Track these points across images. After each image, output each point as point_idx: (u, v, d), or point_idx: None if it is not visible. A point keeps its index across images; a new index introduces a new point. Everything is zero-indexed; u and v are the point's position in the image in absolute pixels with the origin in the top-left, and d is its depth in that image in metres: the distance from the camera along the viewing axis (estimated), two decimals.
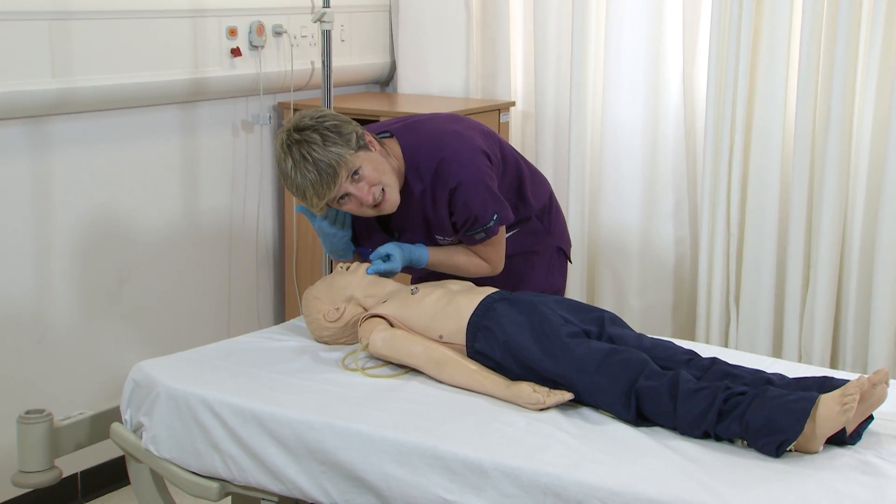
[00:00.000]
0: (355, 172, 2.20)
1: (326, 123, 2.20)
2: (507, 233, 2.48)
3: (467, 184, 2.30)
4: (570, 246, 2.67)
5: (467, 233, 2.36)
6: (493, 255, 2.41)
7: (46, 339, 2.90)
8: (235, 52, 3.23)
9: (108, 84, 2.91)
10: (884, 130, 2.98)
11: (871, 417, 1.88)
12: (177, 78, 3.09)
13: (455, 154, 2.31)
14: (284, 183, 2.24)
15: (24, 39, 2.71)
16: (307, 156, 2.17)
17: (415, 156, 2.32)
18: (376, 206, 2.26)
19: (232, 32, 3.23)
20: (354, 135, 2.22)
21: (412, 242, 2.39)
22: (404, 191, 2.32)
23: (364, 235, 2.45)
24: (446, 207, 2.33)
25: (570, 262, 2.69)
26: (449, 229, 2.38)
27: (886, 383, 1.84)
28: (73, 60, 2.82)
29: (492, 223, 2.34)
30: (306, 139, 2.18)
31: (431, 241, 2.41)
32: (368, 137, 2.26)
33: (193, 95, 3.17)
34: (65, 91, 2.80)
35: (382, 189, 2.25)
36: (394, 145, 2.34)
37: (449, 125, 2.39)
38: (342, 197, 2.23)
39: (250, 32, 3.28)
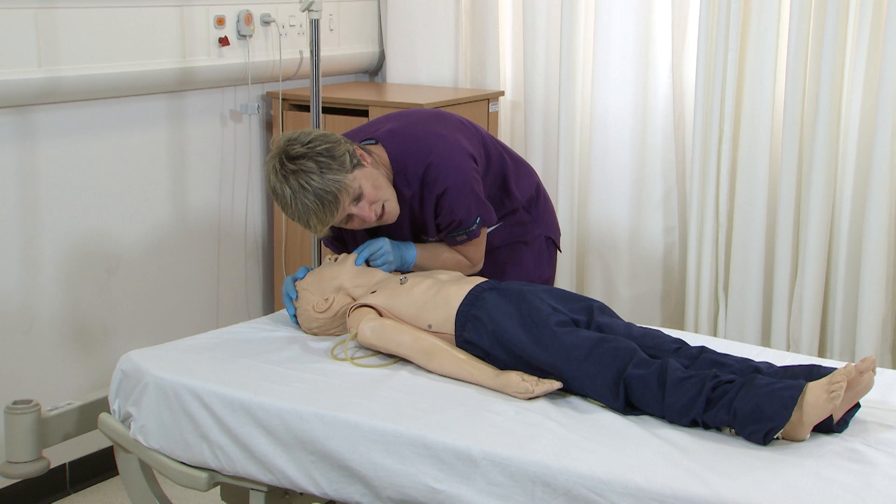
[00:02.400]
0: (357, 195, 2.20)
1: (318, 148, 2.17)
2: (494, 224, 2.49)
3: (454, 189, 2.30)
4: (559, 235, 2.67)
5: (450, 234, 2.37)
6: (474, 253, 2.42)
7: (34, 329, 2.89)
8: (223, 42, 3.22)
9: (95, 73, 2.89)
10: (872, 119, 2.99)
11: (857, 405, 1.88)
12: (164, 67, 3.08)
13: (442, 160, 2.31)
14: (283, 210, 2.22)
15: (9, 28, 2.69)
16: (306, 185, 2.15)
17: (402, 162, 2.32)
18: (378, 218, 2.27)
19: (220, 21, 3.21)
20: (347, 155, 2.20)
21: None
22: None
23: (351, 241, 2.45)
24: (433, 211, 2.34)
25: (560, 250, 2.69)
26: (433, 231, 2.38)
27: (873, 371, 1.85)
28: (59, 49, 2.80)
29: (474, 227, 2.35)
30: (302, 168, 2.15)
31: (417, 242, 2.42)
32: (359, 151, 2.25)
33: (181, 85, 3.16)
34: (51, 80, 2.79)
35: (382, 204, 2.26)
36: (380, 152, 2.34)
37: (433, 127, 2.38)
38: (345, 218, 2.24)
39: (238, 21, 3.27)
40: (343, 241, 2.47)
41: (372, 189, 2.22)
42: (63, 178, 2.91)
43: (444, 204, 2.32)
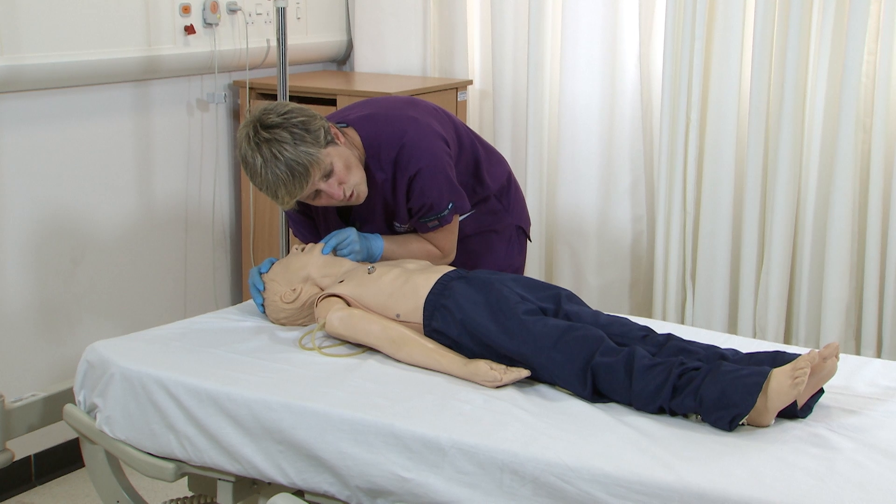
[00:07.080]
0: (327, 171, 2.19)
1: (294, 120, 2.16)
2: (467, 211, 2.49)
3: (426, 171, 2.29)
4: (529, 224, 2.67)
5: (421, 220, 2.36)
6: (445, 242, 2.41)
7: None
8: (189, 30, 3.19)
9: (58, 61, 2.86)
10: (836, 108, 3.02)
11: (821, 391, 1.91)
12: (129, 56, 3.05)
13: (415, 142, 2.30)
14: (252, 179, 2.20)
15: None
16: (278, 155, 2.13)
17: (375, 145, 2.31)
18: (346, 199, 2.26)
19: (185, 9, 3.18)
20: (322, 130, 2.19)
21: (372, 233, 2.38)
22: (366, 180, 2.31)
23: (324, 227, 2.44)
24: (405, 194, 2.33)
25: (530, 240, 2.70)
26: (405, 216, 2.37)
27: (837, 357, 1.87)
28: (21, 36, 2.77)
29: (446, 212, 2.34)
30: (276, 138, 2.14)
31: (390, 230, 2.41)
32: (334, 130, 2.24)
33: (147, 73, 3.13)
34: (13, 68, 2.75)
35: (353, 187, 2.24)
36: (353, 135, 2.33)
37: (406, 111, 2.37)
38: (313, 193, 2.22)
39: (204, 10, 3.24)
40: (315, 228, 2.46)
41: (343, 168, 2.22)
42: (27, 169, 2.87)
43: (415, 186, 2.31)
